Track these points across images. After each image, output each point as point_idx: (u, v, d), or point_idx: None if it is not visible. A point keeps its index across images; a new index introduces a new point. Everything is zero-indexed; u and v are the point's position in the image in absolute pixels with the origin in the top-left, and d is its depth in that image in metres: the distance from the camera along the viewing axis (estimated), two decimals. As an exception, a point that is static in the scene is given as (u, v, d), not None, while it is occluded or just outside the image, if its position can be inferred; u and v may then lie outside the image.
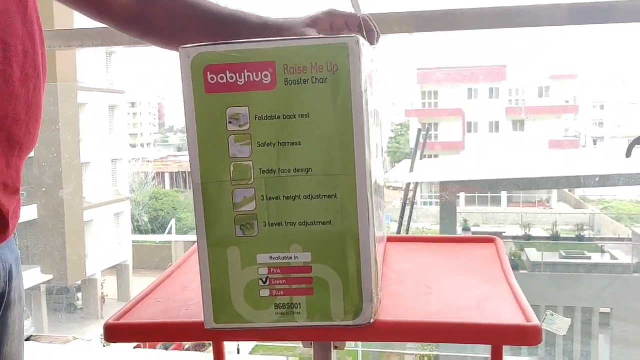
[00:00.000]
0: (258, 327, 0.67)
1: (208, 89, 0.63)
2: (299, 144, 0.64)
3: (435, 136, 14.11)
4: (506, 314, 0.71)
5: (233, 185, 0.65)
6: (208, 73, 0.63)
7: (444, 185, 7.90)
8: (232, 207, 0.65)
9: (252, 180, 0.65)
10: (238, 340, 0.74)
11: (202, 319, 0.71)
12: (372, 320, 0.66)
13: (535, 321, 0.68)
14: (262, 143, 0.64)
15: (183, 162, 16.30)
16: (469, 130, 14.20)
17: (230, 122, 0.64)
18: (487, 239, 0.98)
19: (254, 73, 0.63)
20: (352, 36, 0.62)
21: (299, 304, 0.67)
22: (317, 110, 0.63)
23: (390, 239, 0.99)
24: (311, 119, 0.63)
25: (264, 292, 0.67)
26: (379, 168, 0.77)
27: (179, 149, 18.58)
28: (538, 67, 14.23)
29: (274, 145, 0.64)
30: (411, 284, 0.82)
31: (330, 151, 0.63)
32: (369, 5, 1.29)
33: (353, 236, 0.65)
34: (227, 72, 0.63)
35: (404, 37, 1.25)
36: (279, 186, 0.64)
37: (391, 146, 15.78)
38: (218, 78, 0.63)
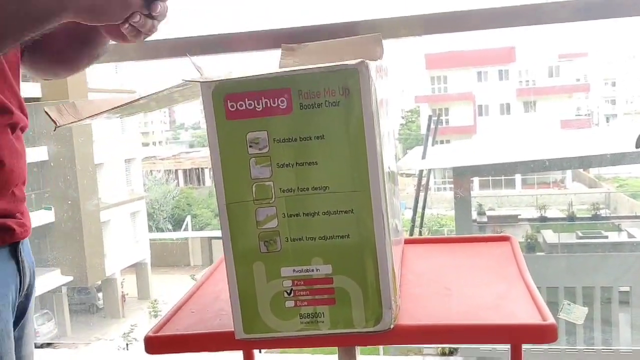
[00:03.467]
0: (285, 336, 0.72)
1: (229, 116, 0.68)
2: (316, 164, 0.68)
3: (447, 121, 14.06)
4: (523, 313, 0.74)
5: (256, 204, 0.69)
6: (228, 101, 0.67)
7: (457, 180, 7.88)
8: (256, 225, 0.70)
9: (273, 199, 0.69)
10: (269, 348, 0.78)
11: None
12: (392, 326, 0.70)
13: (551, 320, 0.71)
14: (281, 164, 0.68)
15: (196, 158, 16.36)
16: (480, 114, 14.12)
17: (250, 146, 0.68)
18: (502, 238, 1.01)
19: (271, 99, 0.67)
20: (361, 61, 0.65)
21: (323, 313, 0.71)
22: (332, 132, 0.67)
23: (407, 242, 1.03)
24: (326, 141, 0.67)
25: (289, 304, 0.71)
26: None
27: (191, 146, 18.63)
28: (547, 47, 14.11)
29: (292, 166, 0.68)
30: (431, 286, 0.85)
31: (346, 169, 0.67)
32: (374, 11, 1.31)
33: (371, 248, 0.69)
34: (246, 99, 0.67)
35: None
36: (299, 204, 0.69)
37: (402, 133, 15.74)
38: (238, 105, 0.67)
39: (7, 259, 0.85)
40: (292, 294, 0.71)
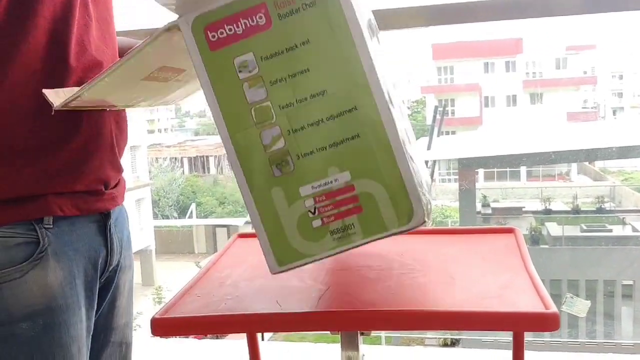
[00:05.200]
0: (321, 257, 0.68)
1: (212, 47, 0.66)
2: (308, 71, 0.66)
3: (453, 112, 14.04)
4: (526, 302, 0.75)
5: (258, 128, 0.67)
6: (209, 32, 0.66)
7: (462, 171, 7.86)
8: (264, 150, 0.67)
9: (274, 119, 0.66)
10: (267, 331, 0.78)
11: (242, 312, 0.76)
12: (426, 220, 0.66)
13: (553, 308, 0.71)
14: (274, 81, 0.66)
15: (201, 146, 16.39)
16: (487, 105, 14.10)
17: (240, 71, 0.66)
18: (507, 230, 1.01)
19: (249, 19, 0.65)
20: None
21: (352, 224, 0.67)
22: (315, 33, 0.65)
23: (412, 232, 1.03)
24: (312, 44, 0.65)
25: (317, 223, 0.67)
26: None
27: (197, 134, 18.65)
28: (555, 38, 14.05)
29: (285, 79, 0.66)
30: (435, 275, 0.86)
31: (339, 68, 0.65)
32: (381, 1, 1.31)
33: (384, 143, 0.65)
34: (225, 25, 0.66)
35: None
36: (301, 116, 0.66)
37: (408, 124, 15.67)
38: (219, 34, 0.66)
39: (94, 234, 0.86)
40: (316, 212, 0.67)
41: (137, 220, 12.03)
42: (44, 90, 0.76)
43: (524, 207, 9.49)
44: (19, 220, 0.78)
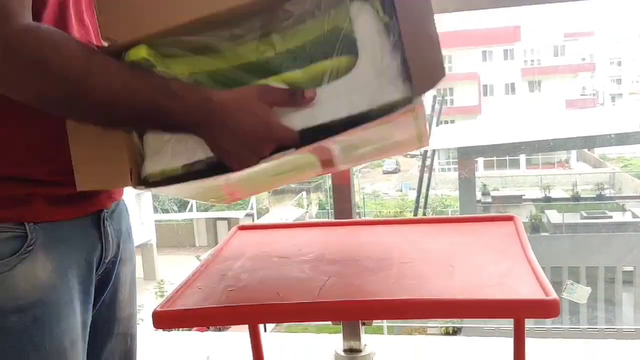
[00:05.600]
0: None
1: None
2: None
3: (451, 102, 14.01)
4: (526, 289, 0.75)
5: None
6: None
7: (462, 160, 7.85)
8: None
9: None
10: (268, 322, 0.78)
11: (243, 303, 0.77)
12: None
13: (553, 295, 0.72)
14: None
15: (200, 140, 16.29)
16: (485, 94, 14.07)
17: None
18: (506, 218, 1.01)
19: None
20: None
21: None
22: None
23: (413, 221, 1.04)
24: None
25: None
26: None
27: (196, 127, 18.59)
28: (553, 25, 14.01)
29: None
30: (436, 264, 0.86)
31: None
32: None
33: None
34: None
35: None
36: None
37: (407, 114, 15.63)
38: None
39: (88, 227, 0.87)
40: None
41: (138, 214, 12.02)
42: None
43: (523, 195, 9.48)
44: (9, 222, 0.79)
